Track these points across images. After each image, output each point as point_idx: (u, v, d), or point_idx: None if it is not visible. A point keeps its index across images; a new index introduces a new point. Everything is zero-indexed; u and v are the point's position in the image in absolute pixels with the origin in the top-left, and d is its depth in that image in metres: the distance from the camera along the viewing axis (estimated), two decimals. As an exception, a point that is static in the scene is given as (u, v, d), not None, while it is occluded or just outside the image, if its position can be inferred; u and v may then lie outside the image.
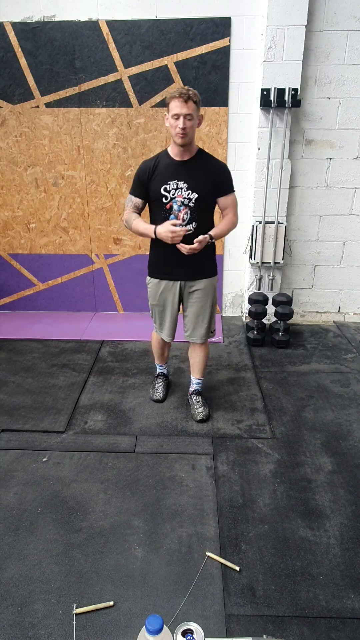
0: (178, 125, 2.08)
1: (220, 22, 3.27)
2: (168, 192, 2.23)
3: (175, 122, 2.09)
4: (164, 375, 2.89)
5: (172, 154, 2.25)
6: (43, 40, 3.36)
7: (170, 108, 2.10)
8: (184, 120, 2.07)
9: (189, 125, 2.09)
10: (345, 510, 1.98)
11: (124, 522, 1.91)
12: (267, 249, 3.65)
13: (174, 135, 2.13)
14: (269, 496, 2.06)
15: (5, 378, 3.07)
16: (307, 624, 1.53)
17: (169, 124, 2.15)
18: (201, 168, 2.24)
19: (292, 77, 3.24)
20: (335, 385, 2.98)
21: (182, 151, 2.21)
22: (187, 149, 2.21)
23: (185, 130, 2.08)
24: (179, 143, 2.15)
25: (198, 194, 2.22)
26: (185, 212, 2.23)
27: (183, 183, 2.21)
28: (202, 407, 2.63)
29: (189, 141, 2.16)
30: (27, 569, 1.71)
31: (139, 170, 2.30)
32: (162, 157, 2.27)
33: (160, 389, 2.81)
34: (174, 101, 2.07)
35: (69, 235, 3.91)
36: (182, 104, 2.05)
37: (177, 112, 2.06)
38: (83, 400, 2.82)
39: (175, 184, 2.22)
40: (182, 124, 2.07)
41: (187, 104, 2.05)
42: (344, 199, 3.65)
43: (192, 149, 2.24)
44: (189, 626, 1.29)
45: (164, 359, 2.86)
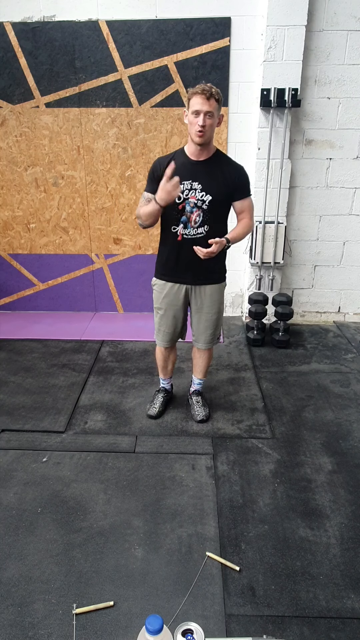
0: (198, 122, 1.99)
1: (220, 22, 3.27)
2: (182, 193, 2.13)
3: (195, 119, 2.00)
4: (165, 391, 2.74)
5: (189, 152, 2.16)
6: (43, 40, 3.36)
7: (190, 104, 2.01)
8: (204, 117, 1.98)
9: (209, 124, 2.01)
10: (345, 510, 1.98)
11: (124, 522, 1.91)
12: (267, 249, 3.65)
13: (192, 133, 2.05)
14: (269, 496, 2.06)
15: (5, 378, 3.07)
16: (307, 624, 1.53)
17: (187, 120, 2.06)
18: (218, 169, 2.16)
19: (292, 77, 3.24)
20: (335, 385, 2.98)
21: (200, 150, 2.12)
22: (205, 149, 2.12)
23: (204, 128, 2.00)
24: (197, 142, 2.06)
25: (212, 196, 2.14)
26: (197, 214, 2.16)
27: (198, 184, 2.14)
28: (202, 407, 2.62)
29: (207, 140, 2.08)
30: (27, 569, 1.71)
31: (153, 166, 2.21)
32: (178, 155, 2.17)
33: (157, 405, 2.66)
34: (195, 97, 1.98)
35: (69, 235, 3.91)
36: (203, 100, 1.96)
37: (198, 108, 1.98)
38: (83, 400, 2.82)
39: (189, 184, 2.14)
40: (202, 121, 1.98)
41: (209, 102, 1.97)
42: (344, 199, 3.65)
43: (210, 149, 2.16)
44: (189, 626, 1.29)
45: (168, 373, 2.70)
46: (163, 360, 2.62)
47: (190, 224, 2.18)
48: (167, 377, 2.73)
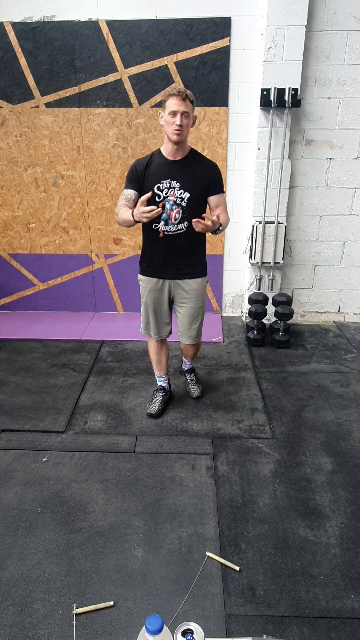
0: (175, 122, 2.10)
1: (220, 22, 3.27)
2: (161, 191, 2.25)
3: (172, 119, 2.11)
4: (163, 390, 2.74)
5: (165, 153, 2.27)
6: (43, 40, 3.36)
7: (166, 105, 2.12)
8: (181, 117, 2.10)
9: (185, 123, 2.13)
10: (345, 510, 1.98)
11: (124, 522, 1.91)
12: (267, 249, 3.65)
13: (169, 132, 2.15)
14: (269, 496, 2.06)
15: (5, 378, 3.07)
16: (307, 624, 1.53)
17: (164, 121, 2.16)
18: (194, 168, 2.27)
19: (292, 77, 3.24)
20: (335, 385, 2.98)
21: (175, 150, 2.22)
22: (180, 148, 2.23)
23: (181, 127, 2.11)
24: (174, 140, 2.16)
25: (190, 194, 2.25)
26: (177, 212, 2.27)
27: (176, 182, 2.24)
28: (196, 384, 2.84)
29: (183, 139, 2.18)
30: (27, 569, 1.71)
31: (132, 168, 2.31)
32: (155, 156, 2.28)
33: (157, 403, 2.67)
34: (171, 99, 2.09)
35: (69, 235, 3.91)
36: (179, 101, 2.08)
37: (175, 109, 2.09)
38: (83, 400, 2.82)
39: (168, 183, 2.24)
40: (179, 121, 2.10)
41: (185, 103, 2.09)
42: (344, 199, 3.65)
43: (185, 149, 2.26)
44: (189, 626, 1.29)
45: (163, 369, 2.73)
46: (156, 354, 2.68)
47: (171, 221, 2.28)
48: (163, 374, 2.75)
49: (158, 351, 2.66)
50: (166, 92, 2.13)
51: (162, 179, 2.24)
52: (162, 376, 2.76)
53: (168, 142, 2.22)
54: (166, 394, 2.76)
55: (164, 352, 2.69)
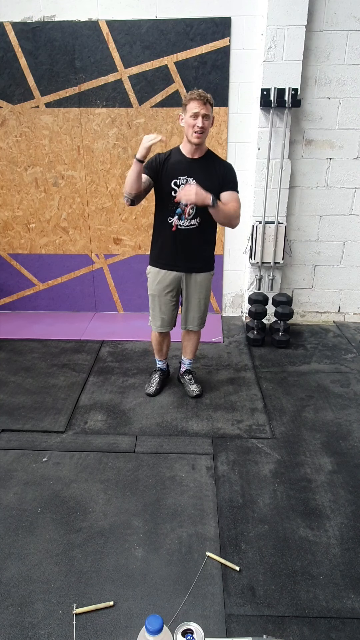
0: (196, 124, 2.19)
1: (220, 22, 3.27)
2: (177, 187, 2.33)
3: (193, 121, 2.20)
4: (161, 371, 2.94)
5: (184, 151, 2.35)
6: (43, 40, 3.36)
7: (188, 108, 2.20)
8: (202, 119, 2.19)
9: (206, 125, 2.22)
10: (345, 510, 1.98)
11: (124, 522, 1.91)
12: (267, 249, 3.65)
13: (189, 134, 2.24)
14: (269, 496, 2.06)
15: (5, 378, 3.07)
16: (307, 624, 1.53)
17: (184, 123, 2.25)
18: (210, 167, 2.35)
19: (292, 77, 3.24)
20: (335, 385, 2.98)
21: (194, 149, 2.32)
22: (199, 148, 2.32)
23: (202, 128, 2.20)
24: (194, 142, 2.25)
25: None
26: (191, 207, 2.35)
27: (192, 180, 2.31)
28: (195, 384, 2.86)
29: (203, 140, 2.27)
30: (27, 569, 1.71)
31: (152, 158, 2.37)
32: (174, 153, 2.37)
33: (155, 384, 2.87)
34: (193, 102, 2.18)
35: (69, 235, 3.91)
36: (201, 105, 2.17)
37: (197, 111, 2.17)
38: (83, 400, 2.82)
39: (185, 180, 2.32)
40: (200, 123, 2.19)
41: (206, 106, 2.18)
42: (344, 199, 3.65)
43: (203, 149, 2.36)
44: (189, 626, 1.29)
45: (164, 355, 2.89)
46: (158, 344, 2.82)
47: (185, 216, 2.37)
48: (163, 359, 2.93)
49: (160, 342, 2.81)
50: (187, 96, 2.21)
51: (179, 175, 2.32)
52: (162, 361, 2.93)
53: (187, 142, 2.30)
54: (163, 375, 2.95)
55: (166, 343, 2.84)
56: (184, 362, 2.93)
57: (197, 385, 2.86)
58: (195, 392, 2.82)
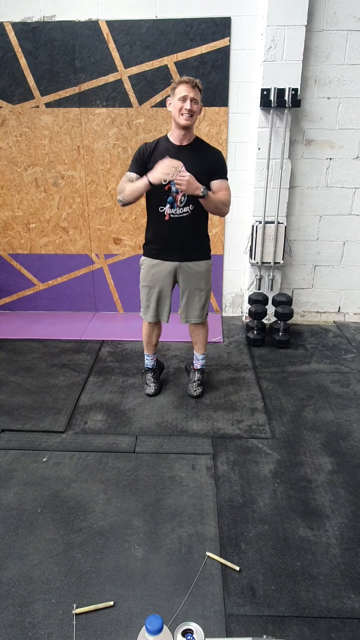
0: (185, 106, 2.19)
1: (220, 22, 3.27)
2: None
3: (181, 104, 2.20)
4: (151, 370, 2.90)
5: (172, 138, 2.35)
6: (43, 40, 3.36)
7: (176, 92, 2.21)
8: (191, 102, 2.19)
9: (195, 109, 2.22)
10: (345, 510, 1.98)
11: (124, 522, 1.91)
12: (267, 249, 3.65)
13: (178, 117, 2.23)
14: (269, 496, 2.06)
15: (5, 378, 3.07)
16: (307, 624, 1.53)
17: (172, 107, 2.25)
18: (199, 153, 2.35)
19: (292, 77, 3.24)
20: (335, 385, 2.98)
21: (182, 136, 2.31)
22: (187, 134, 2.31)
23: (191, 111, 2.20)
24: (183, 124, 2.24)
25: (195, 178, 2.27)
26: (182, 195, 2.33)
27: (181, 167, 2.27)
28: (199, 386, 2.84)
29: (192, 124, 2.26)
30: (27, 569, 1.71)
31: (138, 150, 2.38)
32: (161, 141, 2.36)
33: (151, 383, 2.87)
34: (181, 85, 2.20)
35: (69, 235, 3.91)
36: (189, 88, 2.19)
37: (185, 94, 2.18)
38: (83, 400, 2.82)
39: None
40: (188, 105, 2.19)
41: (194, 90, 2.20)
42: (344, 199, 3.65)
43: (191, 135, 2.35)
44: (189, 626, 1.29)
45: (152, 348, 2.86)
46: (148, 335, 2.79)
47: (177, 204, 2.36)
48: (151, 353, 2.88)
49: (150, 333, 2.78)
50: (176, 81, 2.22)
51: None
52: (150, 355, 2.89)
53: (176, 129, 2.30)
54: (155, 372, 2.92)
55: (156, 333, 2.81)
56: (196, 358, 2.88)
57: (200, 388, 2.84)
58: (196, 392, 2.81)
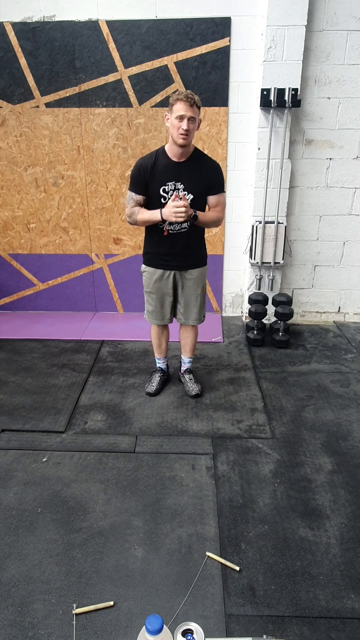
0: (182, 126, 2.15)
1: (220, 22, 3.27)
2: (166, 193, 2.33)
3: (178, 123, 2.16)
4: (161, 371, 2.94)
5: (170, 154, 2.32)
6: (43, 40, 3.36)
7: (174, 109, 2.16)
8: (188, 122, 2.15)
9: (192, 128, 2.18)
10: (345, 510, 1.98)
11: (124, 522, 1.91)
12: (267, 249, 3.65)
13: (175, 136, 2.20)
14: (269, 496, 2.06)
15: (5, 378, 3.07)
16: (307, 624, 1.53)
17: (170, 124, 2.21)
18: (197, 169, 2.34)
19: (292, 77, 3.24)
20: (335, 385, 2.98)
21: (181, 152, 2.28)
22: (185, 150, 2.28)
23: (188, 131, 2.17)
24: (180, 144, 2.22)
25: (194, 195, 2.35)
26: None
27: (180, 184, 2.32)
28: (195, 383, 2.83)
29: (189, 143, 2.25)
30: (27, 569, 1.71)
31: (137, 168, 2.35)
32: (160, 157, 2.33)
33: (155, 383, 2.87)
34: (179, 103, 2.14)
35: (69, 235, 3.91)
36: (187, 107, 2.13)
37: (182, 113, 2.13)
38: (83, 400, 2.82)
39: (173, 185, 2.33)
40: (185, 126, 2.15)
41: (192, 108, 2.14)
42: (344, 199, 3.65)
43: (189, 150, 2.32)
44: (189, 626, 1.29)
45: (163, 352, 2.90)
46: (157, 338, 2.83)
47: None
48: (163, 357, 2.93)
49: (159, 336, 2.82)
50: (174, 96, 2.16)
51: (167, 181, 2.31)
52: (162, 359, 2.94)
53: (173, 144, 2.26)
54: (164, 375, 2.95)
55: (165, 337, 2.85)
56: (183, 361, 2.93)
57: (197, 385, 2.84)
58: (194, 391, 2.80)
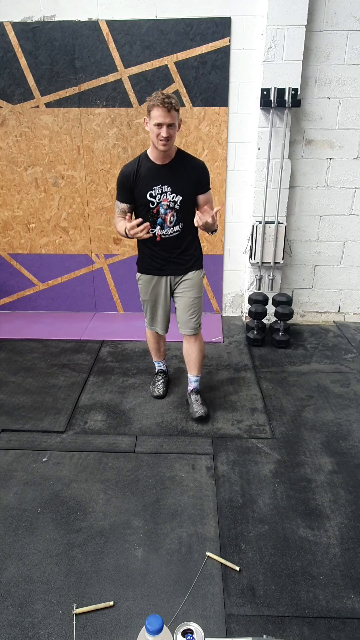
0: (161, 134, 2.09)
1: (220, 22, 3.27)
2: (154, 198, 2.28)
3: (157, 130, 2.09)
4: (163, 372, 2.93)
5: (153, 157, 2.26)
6: (43, 40, 3.36)
7: (152, 116, 2.09)
8: (167, 129, 2.08)
9: (172, 134, 2.11)
10: (345, 510, 1.98)
11: (124, 522, 1.91)
12: (267, 249, 3.65)
13: (156, 142, 2.14)
14: (269, 496, 2.06)
15: (5, 378, 3.07)
16: (307, 624, 1.53)
17: (149, 129, 2.15)
18: (182, 170, 2.28)
19: (292, 77, 3.24)
20: (335, 385, 2.98)
21: (163, 156, 2.23)
22: (168, 153, 2.23)
23: (168, 138, 2.11)
24: (161, 150, 2.17)
25: (182, 196, 2.29)
26: (171, 215, 2.31)
27: (167, 187, 2.26)
28: (200, 405, 2.60)
29: (170, 147, 2.19)
30: (27, 569, 1.71)
31: (121, 176, 2.31)
32: (143, 161, 2.28)
33: (160, 386, 2.85)
34: (156, 109, 2.05)
35: (69, 235, 3.91)
36: (165, 113, 2.04)
37: (161, 121, 2.06)
38: (83, 400, 2.82)
39: (160, 189, 2.27)
40: (165, 133, 2.09)
41: (170, 114, 2.06)
42: (344, 199, 3.65)
43: (172, 152, 2.26)
44: (189, 626, 1.29)
45: (161, 355, 2.89)
46: (155, 342, 2.80)
47: (166, 224, 2.34)
48: (162, 359, 2.92)
49: (157, 340, 2.79)
50: (151, 101, 2.07)
51: (153, 186, 2.26)
52: (161, 361, 2.92)
53: (155, 149, 2.21)
54: (166, 376, 2.94)
55: (162, 341, 2.83)
56: (190, 380, 2.71)
57: (203, 407, 2.59)
58: (198, 413, 2.55)
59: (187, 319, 2.54)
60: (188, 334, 2.59)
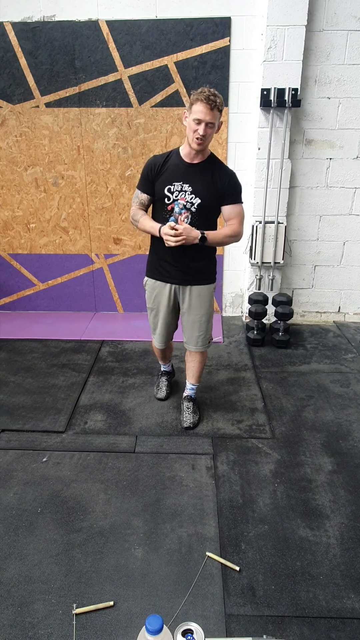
0: (198, 130, 1.99)
1: (220, 22, 3.27)
2: (171, 193, 2.17)
3: (195, 127, 2.00)
4: (167, 374, 2.90)
5: (183, 154, 2.17)
6: (43, 40, 3.36)
7: (193, 110, 1.98)
8: (205, 127, 1.99)
9: (209, 133, 2.02)
10: (345, 510, 1.98)
11: (124, 522, 1.91)
12: (267, 249, 3.65)
13: (190, 139, 2.05)
14: (269, 496, 2.06)
15: (5, 378, 3.07)
16: (307, 624, 1.53)
17: (187, 124, 2.05)
18: (209, 174, 2.16)
19: (292, 77, 3.24)
20: (335, 385, 2.98)
21: (194, 154, 2.13)
22: (200, 153, 2.13)
23: (204, 137, 2.02)
24: (194, 148, 2.08)
25: (201, 200, 2.15)
26: (186, 216, 2.18)
27: (188, 186, 2.14)
28: (191, 414, 2.55)
29: (205, 148, 2.11)
30: (27, 569, 1.71)
31: (147, 165, 2.23)
32: (173, 156, 2.19)
33: (163, 387, 2.83)
34: (199, 104, 1.95)
35: (69, 235, 3.91)
36: (207, 110, 1.95)
37: (201, 117, 1.96)
38: (83, 400, 2.82)
39: (180, 186, 2.15)
40: (202, 131, 1.99)
41: (212, 112, 1.96)
42: (344, 199, 3.65)
43: (205, 153, 2.16)
44: (189, 626, 1.29)
45: (167, 360, 2.86)
46: (160, 352, 2.75)
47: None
48: (167, 363, 2.89)
49: (162, 352, 2.74)
50: (196, 95, 1.97)
51: (174, 181, 2.15)
52: (166, 364, 2.89)
53: (187, 145, 2.12)
54: (170, 377, 2.92)
55: (168, 349, 2.77)
56: (187, 386, 2.67)
57: (193, 416, 2.54)
58: (187, 423, 2.51)
59: (193, 337, 2.44)
60: (192, 351, 2.50)
